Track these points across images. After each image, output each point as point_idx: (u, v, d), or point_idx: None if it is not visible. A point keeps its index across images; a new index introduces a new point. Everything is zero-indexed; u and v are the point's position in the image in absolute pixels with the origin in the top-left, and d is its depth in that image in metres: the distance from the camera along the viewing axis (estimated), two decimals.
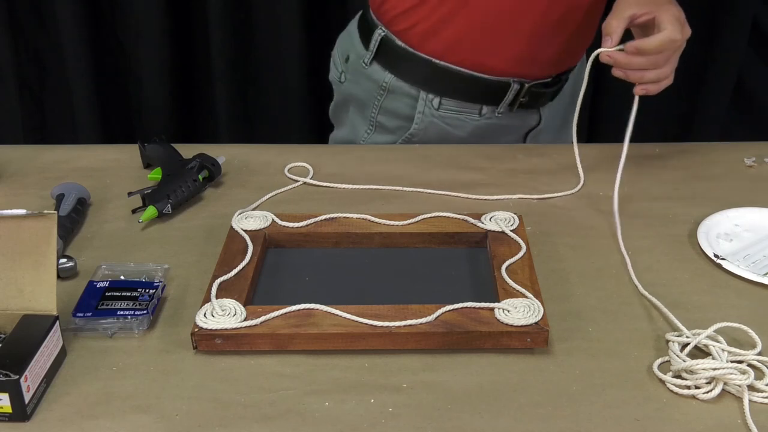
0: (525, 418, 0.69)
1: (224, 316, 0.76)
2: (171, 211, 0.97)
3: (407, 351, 0.76)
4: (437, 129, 1.18)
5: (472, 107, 1.16)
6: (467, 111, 1.16)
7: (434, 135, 1.18)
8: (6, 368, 0.67)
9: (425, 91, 1.15)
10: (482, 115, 1.16)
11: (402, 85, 1.16)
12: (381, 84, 1.17)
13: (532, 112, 1.20)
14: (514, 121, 1.19)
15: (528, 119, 1.21)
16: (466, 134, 1.18)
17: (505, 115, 1.17)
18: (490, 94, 1.15)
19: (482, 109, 1.16)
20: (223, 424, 0.68)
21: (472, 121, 1.17)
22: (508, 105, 1.15)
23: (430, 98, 1.15)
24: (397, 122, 1.19)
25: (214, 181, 1.05)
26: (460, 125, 1.17)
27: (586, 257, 0.90)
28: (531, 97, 1.16)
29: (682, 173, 1.08)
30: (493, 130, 1.18)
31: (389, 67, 1.16)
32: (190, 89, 1.82)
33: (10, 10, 1.71)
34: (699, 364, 0.71)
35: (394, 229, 0.91)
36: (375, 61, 1.17)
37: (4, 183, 1.07)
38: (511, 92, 1.14)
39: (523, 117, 1.20)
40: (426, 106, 1.16)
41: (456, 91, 1.15)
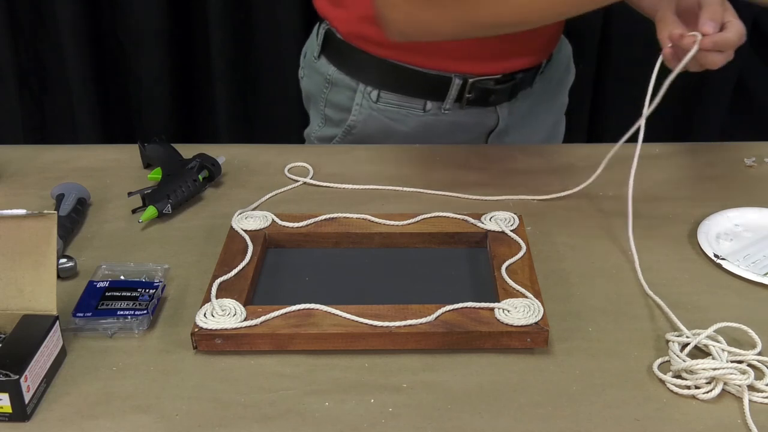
0: (525, 418, 0.69)
1: (224, 316, 0.76)
2: (171, 211, 0.97)
3: (407, 351, 0.76)
4: (378, 123, 1.17)
5: (415, 102, 1.15)
6: (410, 105, 1.15)
7: (375, 129, 1.18)
8: (6, 368, 0.67)
9: (363, 84, 1.15)
10: (426, 111, 1.15)
11: (343, 77, 1.16)
12: (326, 77, 1.18)
13: (489, 111, 1.18)
14: (467, 119, 1.17)
15: (484, 118, 1.18)
16: (410, 129, 1.17)
17: (454, 112, 1.15)
18: (432, 89, 1.13)
19: (426, 105, 1.15)
20: (223, 424, 0.68)
21: (416, 116, 1.16)
22: (455, 101, 1.14)
23: (368, 91, 1.15)
24: (341, 115, 1.19)
25: (214, 181, 1.05)
26: (402, 120, 1.16)
27: (586, 257, 0.90)
28: (479, 94, 1.13)
29: (682, 173, 1.08)
30: (443, 127, 1.16)
31: (332, 60, 1.17)
32: (190, 89, 1.82)
33: (10, 10, 1.71)
34: (699, 364, 0.71)
35: (394, 229, 0.91)
36: (322, 55, 1.19)
37: (4, 183, 1.07)
38: (454, 87, 1.12)
39: (477, 115, 1.17)
40: (364, 98, 1.16)
41: (395, 84, 1.14)
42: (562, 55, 1.27)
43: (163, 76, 1.77)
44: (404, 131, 1.17)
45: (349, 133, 1.19)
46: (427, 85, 1.13)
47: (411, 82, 1.13)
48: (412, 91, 1.14)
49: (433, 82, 1.12)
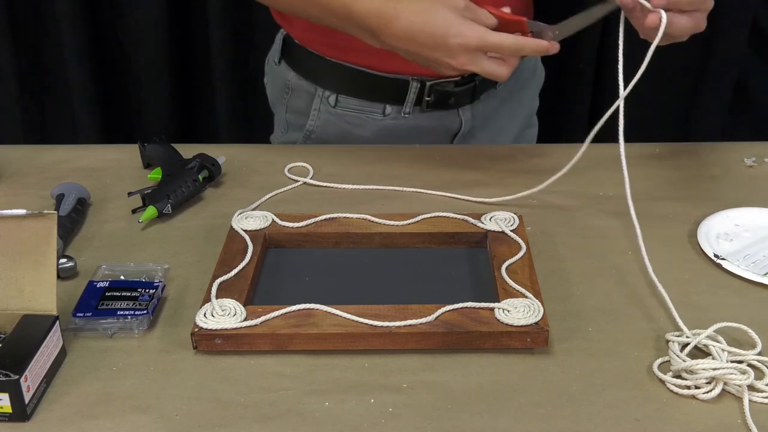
0: (525, 418, 0.69)
1: (224, 316, 0.76)
2: (171, 211, 0.97)
3: (407, 351, 0.76)
4: (336, 128, 1.17)
5: (374, 106, 1.14)
6: (369, 110, 1.14)
7: (334, 134, 1.17)
8: (6, 368, 0.67)
9: (321, 88, 1.15)
10: (386, 115, 1.14)
11: (302, 82, 1.17)
12: (286, 82, 1.19)
13: (451, 114, 1.16)
14: (428, 122, 1.16)
15: (446, 121, 1.17)
16: (370, 134, 1.16)
17: (414, 115, 1.14)
18: (391, 93, 1.13)
19: (386, 109, 1.14)
20: (223, 424, 0.68)
21: (376, 120, 1.15)
22: (414, 105, 1.13)
23: (326, 95, 1.15)
24: (301, 120, 1.19)
25: (214, 181, 1.05)
26: (361, 124, 1.16)
27: (586, 257, 0.90)
28: (439, 97, 1.12)
29: (682, 173, 1.08)
30: (403, 131, 1.16)
31: (291, 65, 1.18)
32: (190, 89, 1.82)
33: (10, 10, 1.71)
34: (699, 364, 0.71)
35: (394, 229, 0.91)
36: (282, 60, 1.19)
37: (4, 183, 1.07)
38: (412, 91, 1.11)
39: (438, 118, 1.16)
40: (322, 103, 1.16)
41: (352, 88, 1.14)
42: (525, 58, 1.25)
43: (163, 76, 1.77)
44: (364, 136, 1.16)
45: (308, 138, 1.19)
46: (385, 89, 1.12)
47: (369, 86, 1.13)
48: (371, 95, 1.14)
49: (391, 85, 1.12)
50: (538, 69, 1.29)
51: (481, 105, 1.18)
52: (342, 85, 1.14)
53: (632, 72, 1.34)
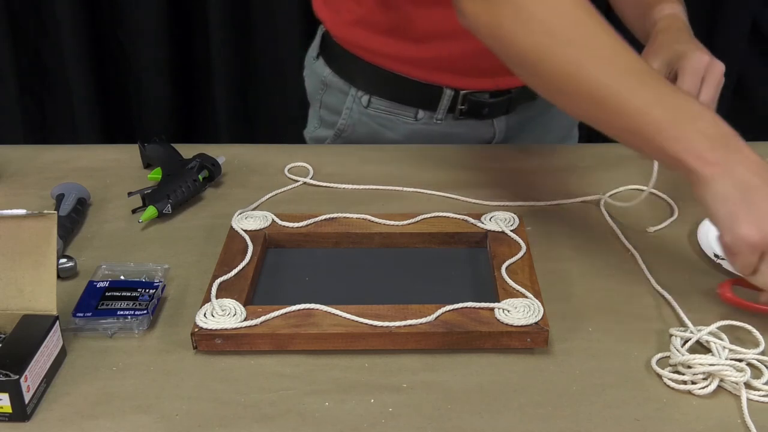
0: (525, 418, 0.69)
1: (224, 316, 0.76)
2: (171, 211, 0.97)
3: (407, 351, 0.76)
4: (367, 128, 1.16)
5: (407, 110, 1.14)
6: (401, 113, 1.14)
7: (364, 133, 1.17)
8: (6, 368, 0.67)
9: (355, 88, 1.15)
10: (418, 120, 1.14)
11: (337, 80, 1.16)
12: (321, 78, 1.18)
13: (485, 124, 1.16)
14: (461, 130, 1.15)
15: (479, 130, 1.16)
16: (400, 137, 1.16)
17: (447, 122, 1.14)
18: (423, 99, 1.12)
19: (418, 113, 1.14)
20: (223, 424, 0.68)
21: (407, 124, 1.15)
22: (447, 112, 1.12)
23: (359, 95, 1.15)
24: (334, 117, 1.19)
25: (214, 181, 1.05)
26: (392, 126, 1.15)
27: (586, 257, 0.90)
28: (472, 106, 1.12)
29: None
30: (434, 137, 1.15)
31: (328, 62, 1.17)
32: (190, 89, 1.82)
33: (10, 11, 1.71)
34: (696, 359, 0.71)
35: (394, 229, 0.91)
36: (320, 56, 1.19)
37: (4, 183, 1.07)
38: (446, 98, 1.11)
39: (472, 127, 1.15)
40: (354, 102, 1.15)
41: (386, 91, 1.13)
42: None
43: (163, 76, 1.77)
44: (394, 138, 1.16)
45: (339, 136, 1.19)
46: (418, 94, 1.12)
47: (402, 90, 1.12)
48: (404, 99, 1.13)
49: (425, 91, 1.11)
50: None
51: (517, 116, 1.17)
52: (375, 87, 1.14)
53: None
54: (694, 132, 0.76)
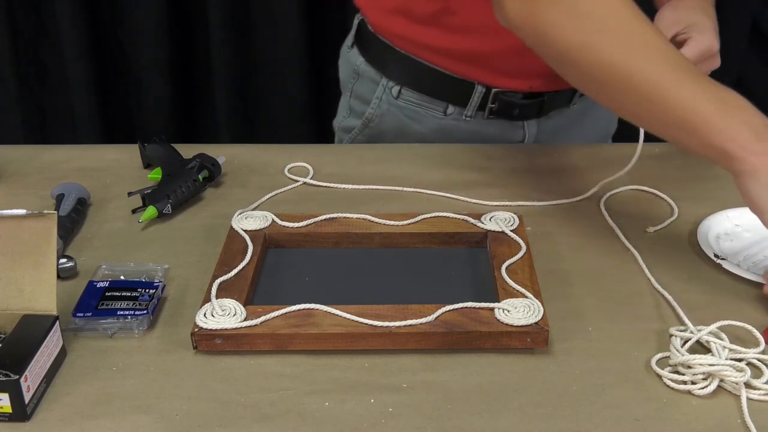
0: (525, 418, 0.69)
1: (224, 316, 0.76)
2: (171, 211, 0.97)
3: (407, 351, 0.76)
4: (395, 119, 1.16)
5: (437, 104, 1.13)
6: (430, 106, 1.14)
7: (392, 125, 1.17)
8: (6, 368, 0.67)
9: (387, 78, 1.14)
10: (447, 115, 1.13)
11: (369, 69, 1.16)
12: (354, 68, 1.18)
13: (515, 126, 1.15)
14: (490, 129, 1.15)
15: (509, 131, 1.16)
16: (427, 131, 1.15)
17: (477, 120, 1.13)
18: (454, 93, 1.12)
19: (447, 108, 1.13)
20: (223, 424, 0.68)
21: (435, 118, 1.14)
22: (477, 109, 1.12)
23: (390, 85, 1.14)
24: (363, 107, 1.19)
25: (214, 181, 1.05)
26: (420, 120, 1.15)
27: (586, 257, 0.90)
28: (503, 106, 1.11)
29: (682, 173, 1.08)
30: (463, 134, 1.15)
31: (362, 51, 1.17)
32: (190, 89, 1.82)
33: (10, 11, 1.71)
34: (696, 359, 0.71)
35: (394, 229, 0.91)
36: (355, 45, 1.19)
37: (4, 183, 1.07)
38: (476, 95, 1.10)
39: (502, 127, 1.15)
40: (384, 92, 1.15)
41: (417, 82, 1.13)
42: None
43: (163, 76, 1.77)
44: (421, 132, 1.15)
45: (366, 126, 1.19)
46: (449, 88, 1.11)
47: (433, 82, 1.12)
48: (434, 92, 1.13)
49: (456, 86, 1.11)
50: None
51: (551, 121, 1.16)
52: (407, 78, 1.13)
53: None
54: (740, 123, 0.78)
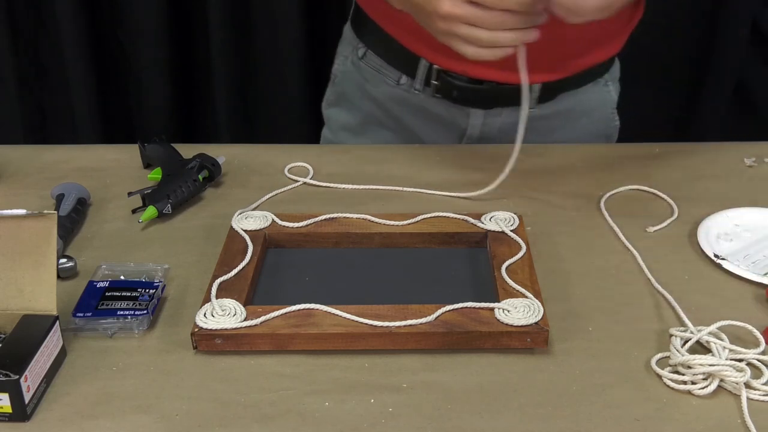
0: (525, 418, 0.69)
1: (224, 316, 0.76)
2: (171, 211, 0.97)
3: (407, 351, 0.76)
4: (354, 79, 1.20)
5: (392, 71, 1.16)
6: (386, 73, 1.16)
7: (353, 85, 1.21)
8: (6, 368, 0.67)
9: (358, 39, 1.18)
10: (399, 84, 1.15)
11: (349, 32, 1.21)
12: (344, 34, 1.23)
13: (461, 111, 1.15)
14: (437, 109, 1.15)
15: (454, 114, 1.15)
16: (381, 96, 1.18)
17: (426, 96, 1.14)
18: (404, 64, 1.14)
19: (401, 78, 1.15)
20: (223, 424, 0.68)
21: (389, 85, 1.16)
22: (425, 84, 1.13)
23: (359, 46, 1.18)
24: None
25: (214, 181, 1.05)
26: (376, 83, 1.18)
27: (586, 257, 0.90)
28: (444, 85, 1.11)
29: (682, 173, 1.08)
30: (412, 106, 1.16)
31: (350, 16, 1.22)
32: (190, 89, 1.82)
33: (10, 11, 1.71)
34: (696, 359, 0.71)
35: (394, 229, 0.91)
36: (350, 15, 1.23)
37: (4, 183, 1.07)
38: (421, 69, 1.12)
39: (447, 109, 1.14)
40: (352, 51, 1.19)
41: (378, 48, 1.16)
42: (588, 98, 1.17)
43: (163, 76, 1.77)
44: (375, 96, 1.18)
45: (333, 83, 1.23)
46: (400, 58, 1.14)
47: (390, 51, 1.14)
48: (390, 60, 1.15)
49: (405, 57, 1.13)
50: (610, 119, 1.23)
51: (500, 118, 1.15)
52: (371, 42, 1.17)
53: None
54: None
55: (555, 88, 1.12)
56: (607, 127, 1.23)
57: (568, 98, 1.15)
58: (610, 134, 1.24)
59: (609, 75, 1.18)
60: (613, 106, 1.21)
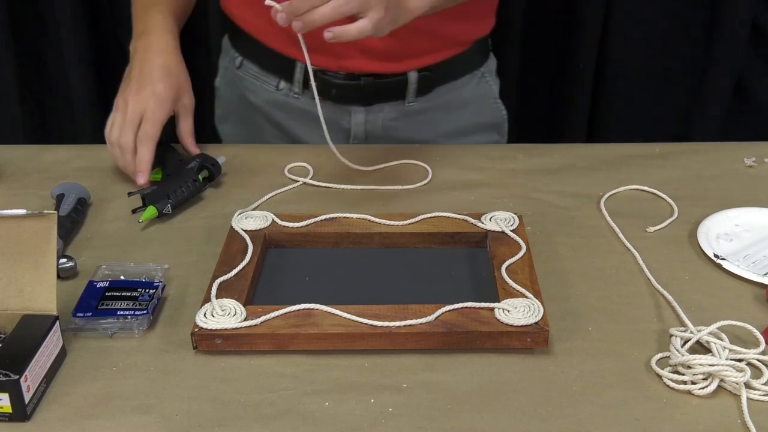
0: (525, 418, 0.69)
1: (224, 316, 0.76)
2: (171, 211, 0.97)
3: (407, 351, 0.76)
4: (235, 89, 1.21)
5: (270, 78, 1.17)
6: (265, 80, 1.17)
7: (234, 95, 1.22)
8: (6, 368, 0.67)
9: (234, 49, 1.20)
10: (279, 90, 1.16)
11: (227, 42, 1.23)
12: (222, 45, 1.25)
13: (342, 110, 1.15)
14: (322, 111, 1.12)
15: (336, 115, 1.15)
16: (262, 103, 1.19)
17: (307, 99, 1.15)
18: (280, 69, 1.15)
19: (280, 84, 1.16)
20: (223, 424, 0.68)
21: (268, 92, 1.17)
22: (302, 86, 1.14)
23: (235, 56, 1.19)
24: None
25: (214, 181, 1.05)
26: (255, 91, 1.19)
27: (586, 257, 0.90)
28: (321, 84, 1.10)
29: (682, 173, 1.08)
30: (295, 110, 1.17)
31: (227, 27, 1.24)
32: None
33: (10, 11, 1.71)
34: (696, 359, 0.71)
35: (394, 229, 0.91)
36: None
37: (4, 183, 1.07)
38: (298, 71, 1.13)
39: (329, 109, 1.11)
40: (230, 62, 1.21)
41: (253, 56, 1.17)
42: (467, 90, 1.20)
43: None
44: (257, 104, 1.19)
45: (217, 96, 1.25)
46: (277, 64, 1.15)
47: (265, 58, 1.15)
48: (266, 66, 1.16)
49: (280, 62, 1.14)
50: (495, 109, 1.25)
51: (383, 114, 1.16)
52: (246, 51, 1.18)
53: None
54: None
55: (431, 81, 1.15)
56: (493, 117, 1.26)
57: (446, 91, 1.17)
58: (498, 123, 1.27)
59: (485, 68, 1.22)
60: (495, 96, 1.25)
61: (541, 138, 1.41)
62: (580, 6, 1.61)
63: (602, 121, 1.75)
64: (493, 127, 1.26)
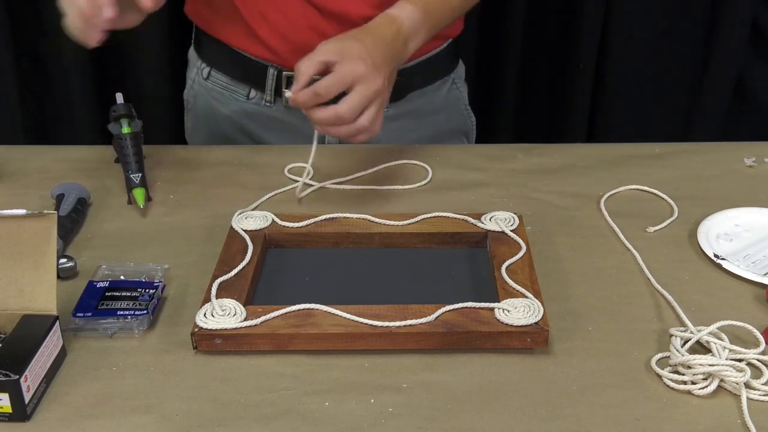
0: (525, 418, 0.69)
1: (224, 316, 0.76)
2: (139, 179, 0.99)
3: (407, 351, 0.76)
4: (205, 101, 1.20)
5: (240, 87, 1.16)
6: (235, 90, 1.16)
7: (203, 107, 1.20)
8: (6, 368, 0.67)
9: (201, 60, 1.19)
10: (250, 99, 1.16)
11: (193, 53, 1.22)
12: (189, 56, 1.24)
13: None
14: (291, 118, 1.15)
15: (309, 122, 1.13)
16: (232, 113, 1.18)
17: (278, 107, 1.15)
18: (251, 76, 1.14)
19: (250, 93, 1.15)
20: (223, 424, 0.68)
21: (239, 102, 1.16)
22: (275, 94, 1.13)
23: (203, 67, 1.18)
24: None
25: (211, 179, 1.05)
26: (225, 102, 1.18)
27: (586, 257, 0.90)
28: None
29: (682, 173, 1.08)
30: (267, 119, 1.16)
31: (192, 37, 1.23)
32: None
33: (10, 11, 1.71)
34: (696, 359, 0.71)
35: (394, 229, 0.91)
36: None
37: (4, 183, 1.07)
38: (270, 78, 1.12)
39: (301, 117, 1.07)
40: (198, 74, 1.19)
41: (222, 65, 1.16)
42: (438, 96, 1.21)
43: (163, 76, 1.76)
44: (227, 114, 1.18)
45: (186, 109, 1.24)
46: (248, 71, 1.14)
47: (235, 65, 1.14)
48: (235, 74, 1.15)
49: (253, 69, 1.13)
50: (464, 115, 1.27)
51: None
52: (214, 60, 1.17)
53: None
54: None
55: (404, 86, 1.13)
56: (463, 124, 1.27)
57: (417, 97, 1.18)
58: (467, 130, 1.28)
59: (455, 74, 1.22)
60: (465, 103, 1.26)
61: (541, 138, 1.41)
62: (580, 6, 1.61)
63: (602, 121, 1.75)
64: (463, 134, 1.27)
